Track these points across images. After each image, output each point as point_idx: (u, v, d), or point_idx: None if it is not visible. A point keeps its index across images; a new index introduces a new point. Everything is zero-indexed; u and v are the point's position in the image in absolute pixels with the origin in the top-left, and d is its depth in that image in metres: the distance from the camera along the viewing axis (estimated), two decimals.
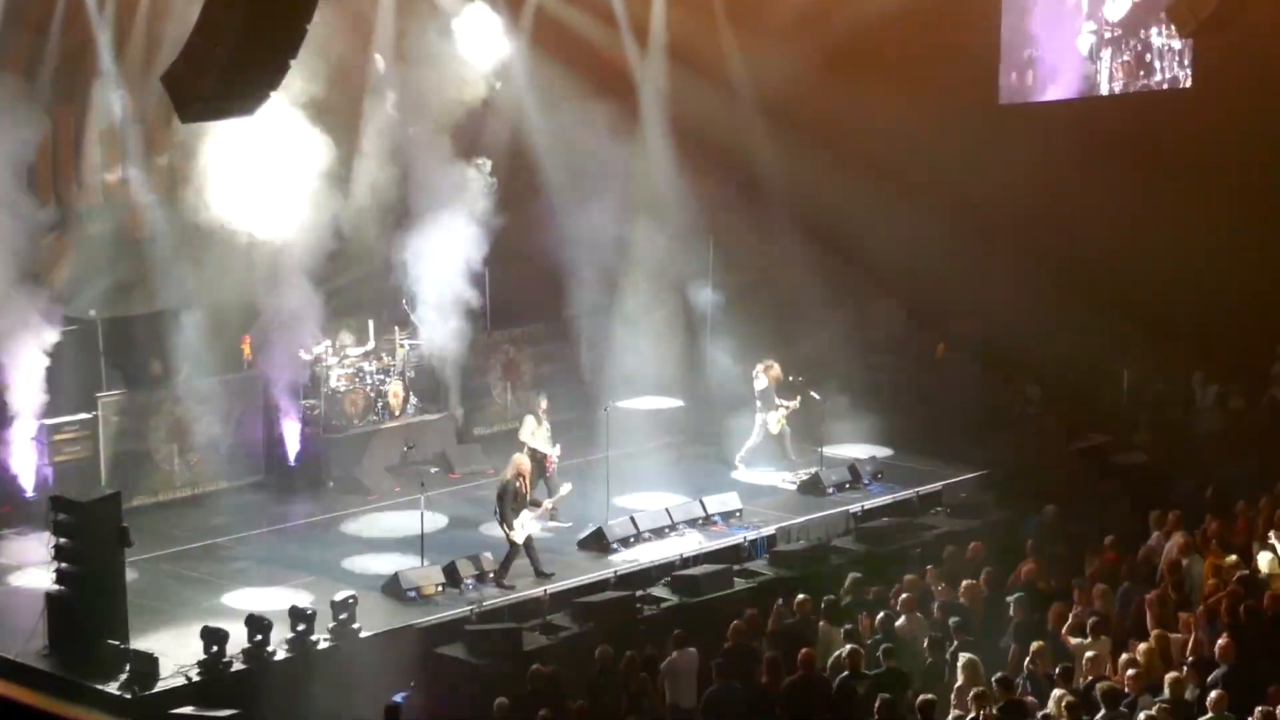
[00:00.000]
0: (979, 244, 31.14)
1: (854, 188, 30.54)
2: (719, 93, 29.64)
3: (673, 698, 18.11)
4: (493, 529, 22.84)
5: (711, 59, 30.00)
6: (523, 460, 22.41)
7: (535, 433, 24.46)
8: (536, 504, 22.14)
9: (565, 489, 23.27)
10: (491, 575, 21.63)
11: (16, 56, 23.92)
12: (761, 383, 26.95)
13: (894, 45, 30.38)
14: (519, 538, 21.77)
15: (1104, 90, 33.87)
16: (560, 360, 29.56)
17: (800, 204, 30.08)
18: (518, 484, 21.90)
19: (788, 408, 26.93)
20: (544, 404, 24.93)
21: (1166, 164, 31.97)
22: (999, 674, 16.74)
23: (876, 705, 16.23)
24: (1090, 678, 16.65)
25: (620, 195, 28.40)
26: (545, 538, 23.11)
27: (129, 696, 18.18)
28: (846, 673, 17.23)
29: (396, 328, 27.32)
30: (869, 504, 25.16)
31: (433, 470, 26.60)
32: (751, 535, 23.66)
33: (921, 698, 15.98)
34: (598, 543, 23.09)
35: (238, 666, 18.90)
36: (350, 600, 19.93)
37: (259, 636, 19.06)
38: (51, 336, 23.45)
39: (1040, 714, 15.90)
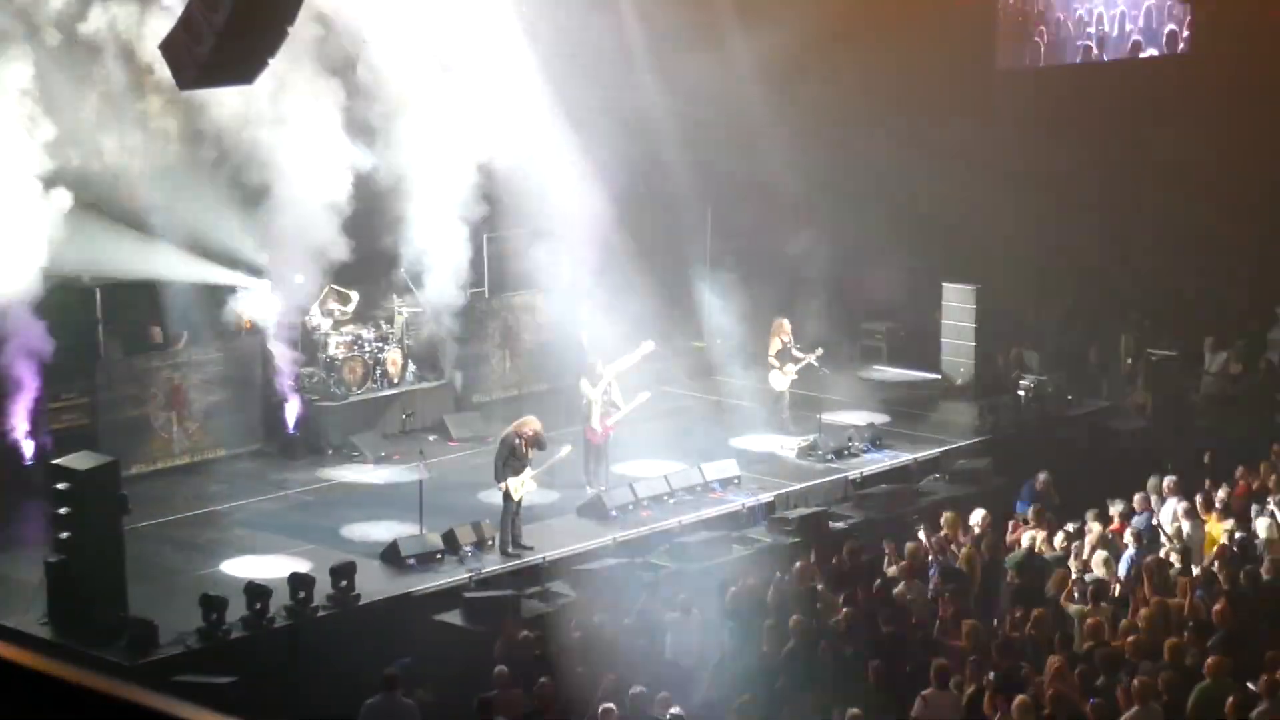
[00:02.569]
0: (977, 209, 31.14)
1: (852, 153, 30.54)
2: (717, 60, 29.54)
3: (673, 655, 18.20)
4: (491, 496, 22.85)
5: (710, 25, 29.90)
6: (530, 423, 22.29)
7: (589, 396, 24.23)
8: (541, 445, 21.97)
9: (564, 450, 23.16)
10: (491, 543, 21.61)
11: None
12: (775, 345, 26.95)
13: (894, 10, 30.30)
14: (515, 495, 21.69)
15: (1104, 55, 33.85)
16: (559, 328, 29.48)
17: (798, 170, 30.04)
18: (516, 441, 21.84)
19: (796, 361, 26.90)
20: (599, 367, 24.35)
21: (1163, 127, 32.00)
22: (998, 639, 16.78)
23: (873, 670, 16.28)
24: (1090, 644, 16.67)
25: (617, 163, 28.39)
26: (544, 504, 23.15)
27: (128, 664, 18.19)
28: (845, 638, 17.26)
29: (394, 295, 27.29)
30: (867, 470, 25.19)
31: (431, 438, 26.60)
32: (750, 502, 23.68)
33: (936, 662, 16.03)
34: (596, 510, 23.10)
35: (237, 634, 18.90)
36: (349, 567, 19.95)
37: (258, 604, 19.06)
38: (47, 303, 23.43)
39: (1039, 680, 15.92)
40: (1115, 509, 21.10)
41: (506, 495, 21.61)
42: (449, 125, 26.30)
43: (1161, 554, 19.25)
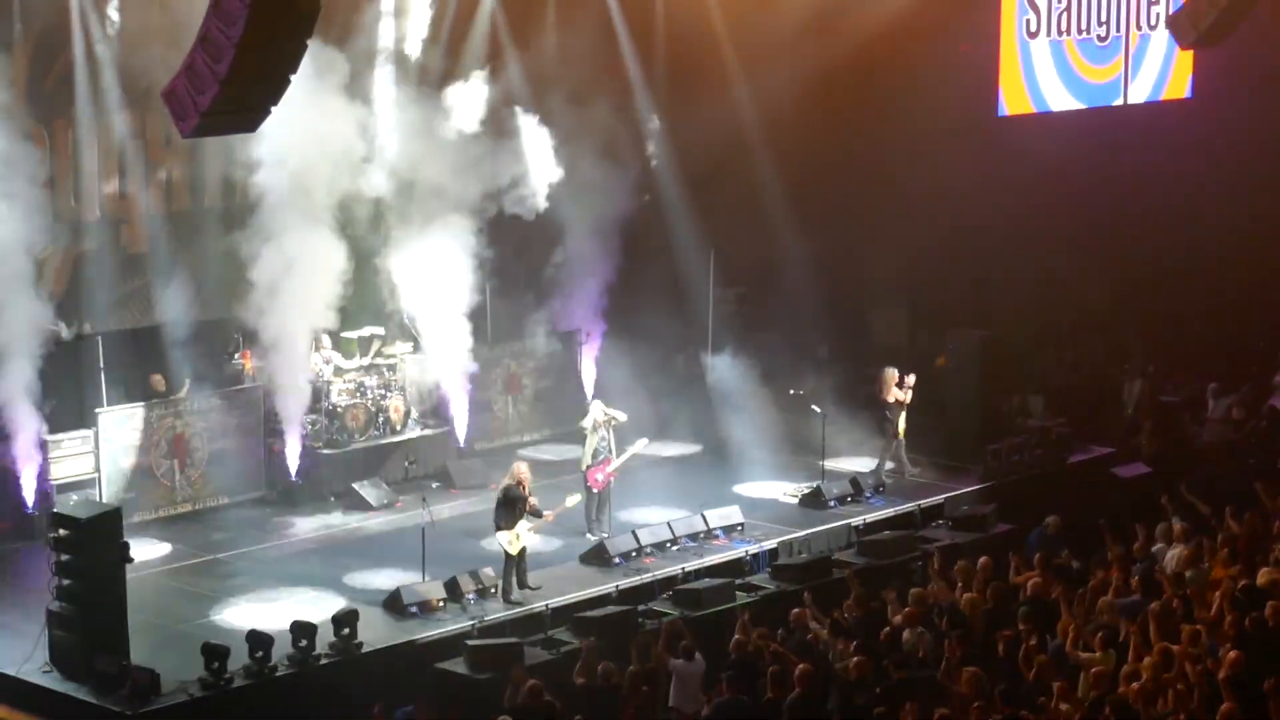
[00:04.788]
0: (979, 255, 31.18)
1: (854, 199, 30.57)
2: (720, 106, 29.58)
3: (676, 703, 18.13)
4: (492, 544, 22.88)
5: (712, 73, 29.96)
6: (520, 467, 22.32)
7: (589, 440, 24.21)
8: (537, 514, 22.02)
9: (571, 500, 23.16)
10: (494, 591, 21.60)
11: (17, 70, 23.87)
12: (894, 394, 26.91)
13: (894, 58, 30.36)
14: (513, 549, 21.70)
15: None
16: (562, 374, 29.48)
17: (801, 216, 30.05)
18: (517, 492, 21.85)
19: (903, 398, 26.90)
20: (600, 412, 24.34)
21: (1167, 175, 32.04)
22: (1002, 686, 16.71)
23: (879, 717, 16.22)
24: (1095, 692, 16.61)
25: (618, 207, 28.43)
26: (547, 551, 23.12)
27: (130, 713, 18.16)
28: (855, 687, 17.21)
29: (398, 342, 27.28)
30: (870, 517, 25.14)
31: (434, 485, 26.55)
32: (753, 549, 23.64)
33: (938, 712, 15.97)
34: (599, 557, 23.07)
35: (239, 682, 18.87)
36: (352, 615, 19.92)
37: (260, 652, 19.03)
38: (50, 351, 23.44)
39: None
40: (1120, 555, 21.04)
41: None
42: (450, 174, 26.35)
43: (1166, 599, 19.18)
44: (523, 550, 21.81)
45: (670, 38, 29.74)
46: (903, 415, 26.87)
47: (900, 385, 26.85)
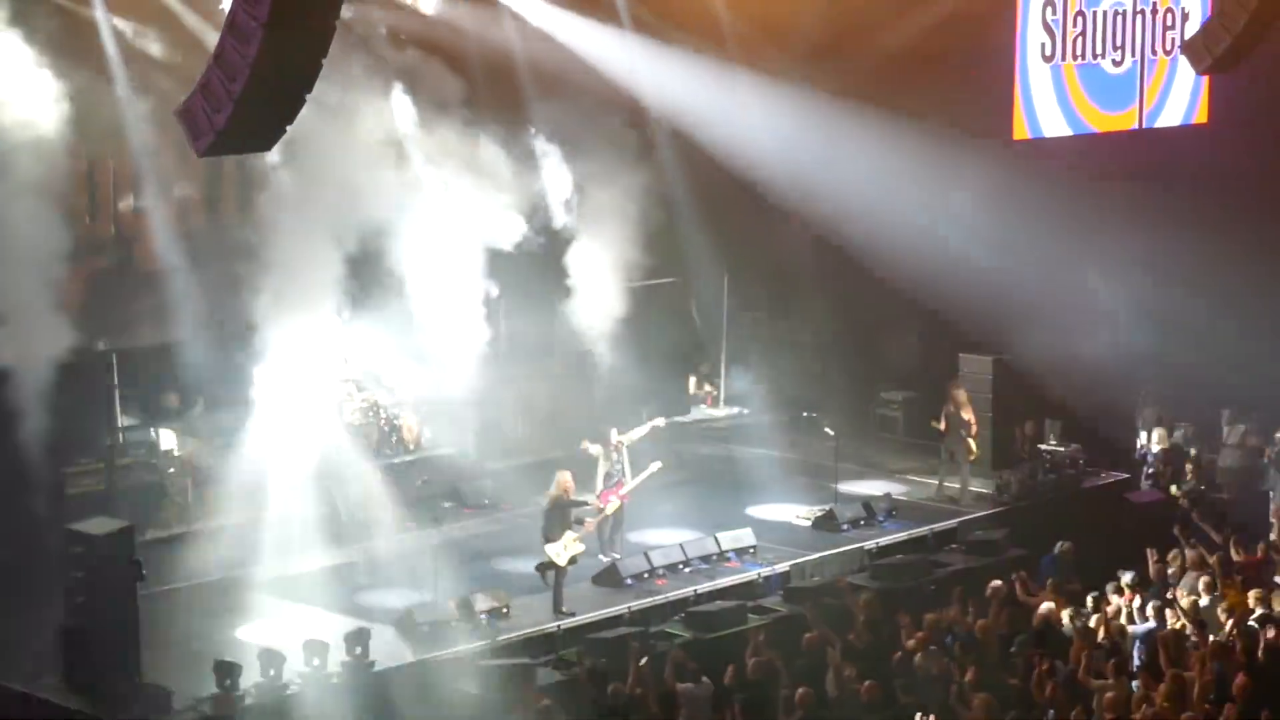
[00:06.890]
0: (992, 278, 31.10)
1: (869, 222, 30.53)
2: (732, 127, 29.57)
3: None
4: (504, 563, 22.85)
5: (725, 92, 29.94)
6: (565, 476, 22.31)
7: (600, 465, 24.16)
8: (580, 522, 22.04)
9: (610, 508, 23.50)
10: (505, 611, 21.56)
11: None
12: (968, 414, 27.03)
13: (908, 79, 30.34)
14: (561, 560, 21.71)
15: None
16: (574, 393, 29.45)
17: (814, 238, 30.04)
18: (562, 501, 21.88)
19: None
20: (614, 436, 24.33)
21: (1182, 200, 31.98)
22: (1013, 713, 16.70)
23: None
24: (1110, 717, 16.58)
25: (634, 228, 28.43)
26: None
27: None
28: (866, 710, 17.21)
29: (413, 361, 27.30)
30: (884, 541, 25.13)
31: (446, 504, 26.52)
32: (766, 571, 23.61)
33: None
34: (611, 578, 23.05)
35: (250, 700, 18.85)
36: (364, 634, 19.91)
37: (272, 670, 19.01)
38: (64, 368, 23.45)
39: None
40: (1133, 581, 21.01)
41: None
42: (467, 193, 26.38)
43: (1178, 626, 19.15)
44: (567, 565, 21.89)
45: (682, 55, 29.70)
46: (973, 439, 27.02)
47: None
